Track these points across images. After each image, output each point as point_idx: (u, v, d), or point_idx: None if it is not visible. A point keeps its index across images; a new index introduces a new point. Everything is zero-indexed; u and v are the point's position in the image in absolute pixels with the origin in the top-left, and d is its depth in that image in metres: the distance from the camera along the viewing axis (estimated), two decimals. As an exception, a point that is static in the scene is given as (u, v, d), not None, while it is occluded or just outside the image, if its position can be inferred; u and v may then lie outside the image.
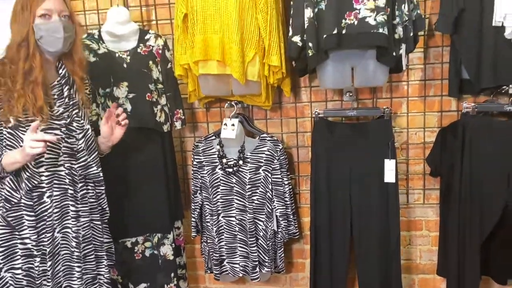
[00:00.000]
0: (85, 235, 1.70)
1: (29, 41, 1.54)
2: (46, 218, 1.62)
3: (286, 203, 2.13)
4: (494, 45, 1.81)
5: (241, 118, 2.13)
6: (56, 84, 1.63)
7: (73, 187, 1.66)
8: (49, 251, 1.62)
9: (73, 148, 1.65)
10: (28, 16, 1.53)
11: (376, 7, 1.74)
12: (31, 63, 1.54)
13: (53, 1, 1.56)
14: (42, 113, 1.55)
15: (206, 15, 1.88)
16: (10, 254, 1.61)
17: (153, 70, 2.01)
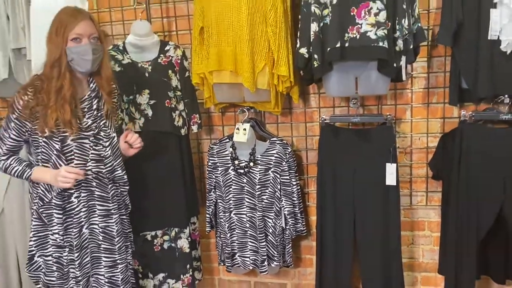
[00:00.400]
0: (118, 229, 1.89)
1: (61, 62, 1.71)
2: (73, 216, 1.82)
3: (294, 202, 2.28)
4: (491, 57, 1.90)
5: (252, 122, 2.29)
6: (87, 98, 1.81)
7: (101, 189, 1.84)
8: (76, 244, 1.82)
9: (100, 154, 1.83)
10: (61, 40, 1.70)
11: (376, 22, 1.86)
12: (62, 82, 1.71)
13: (84, 26, 1.72)
14: (71, 126, 1.73)
15: (220, 29, 2.05)
16: (42, 243, 1.83)
17: (172, 79, 2.19)
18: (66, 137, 1.75)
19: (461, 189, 2.03)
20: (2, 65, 2.38)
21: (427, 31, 2.14)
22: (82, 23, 1.72)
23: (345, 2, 1.88)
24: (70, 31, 1.70)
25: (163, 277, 2.28)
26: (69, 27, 1.70)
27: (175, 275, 2.29)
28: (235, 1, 1.99)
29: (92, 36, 1.74)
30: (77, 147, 1.78)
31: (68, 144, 1.76)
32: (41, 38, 2.19)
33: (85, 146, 1.79)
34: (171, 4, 2.45)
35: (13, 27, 2.35)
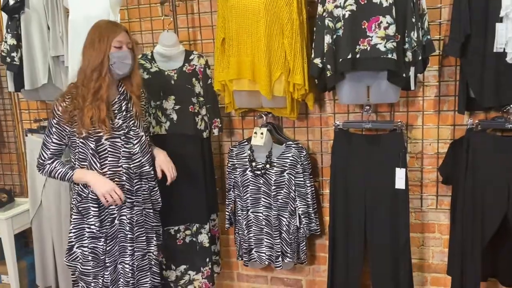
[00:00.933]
0: (137, 220, 2.07)
1: (103, 66, 1.91)
2: (107, 208, 2.02)
3: (308, 203, 2.41)
4: (496, 68, 1.98)
5: (270, 127, 2.43)
6: (116, 101, 2.01)
7: (129, 183, 2.03)
8: (109, 234, 2.03)
9: (130, 151, 2.02)
10: (105, 46, 1.91)
11: (386, 35, 1.97)
12: (100, 83, 1.91)
13: (123, 35, 1.96)
14: (105, 124, 1.93)
15: (240, 40, 2.20)
16: (80, 235, 2.03)
17: (196, 86, 2.36)
18: (101, 136, 1.95)
19: (467, 194, 2.11)
20: (42, 71, 2.60)
21: (438, 42, 2.24)
22: (123, 33, 1.97)
23: (357, 16, 1.99)
24: (113, 38, 1.93)
25: (185, 269, 2.46)
26: (112, 35, 1.93)
27: (195, 267, 2.46)
28: (254, 15, 2.13)
29: (128, 45, 1.97)
30: (110, 146, 1.97)
31: (103, 143, 1.96)
32: (78, 46, 2.42)
33: (117, 144, 1.99)
34: (196, 15, 2.62)
35: (53, 36, 2.57)
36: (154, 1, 2.69)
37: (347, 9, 2.00)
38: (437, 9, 2.24)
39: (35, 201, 2.87)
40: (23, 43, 2.56)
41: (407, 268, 2.28)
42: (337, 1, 2.02)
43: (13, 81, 2.64)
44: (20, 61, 2.57)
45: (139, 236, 2.10)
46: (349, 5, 1.99)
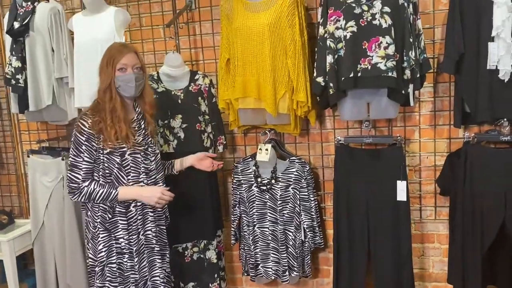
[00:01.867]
0: (156, 236, 2.11)
1: (111, 88, 1.98)
2: (133, 223, 2.04)
3: (312, 217, 2.48)
4: (490, 85, 2.10)
5: (273, 143, 2.50)
6: (136, 119, 2.07)
7: None
8: (136, 249, 2.04)
9: (148, 167, 2.07)
10: (110, 70, 1.97)
11: (386, 54, 2.07)
12: (114, 104, 1.98)
13: (128, 57, 1.99)
14: (128, 140, 1.98)
15: (245, 60, 2.28)
16: (110, 251, 2.03)
17: (201, 104, 2.43)
18: (125, 152, 1.99)
19: (466, 205, 2.20)
20: (47, 92, 2.63)
21: (432, 60, 2.35)
22: (128, 55, 2.00)
23: (358, 37, 2.10)
24: (117, 62, 1.98)
25: (193, 286, 2.49)
26: (117, 59, 1.98)
27: (203, 283, 2.49)
28: (259, 37, 2.22)
29: (135, 66, 2.01)
30: (132, 161, 2.02)
31: (126, 158, 2.00)
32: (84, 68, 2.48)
33: (138, 160, 2.03)
34: (198, 36, 2.70)
35: (57, 58, 2.61)
36: (156, 23, 2.76)
37: (348, 31, 2.10)
38: (430, 29, 2.36)
39: (37, 222, 2.86)
40: (27, 65, 2.60)
41: (409, 278, 2.35)
42: (338, 23, 2.13)
43: (18, 102, 2.67)
44: (24, 83, 2.60)
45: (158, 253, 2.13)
46: (350, 26, 2.10)
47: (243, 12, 2.28)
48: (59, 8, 2.62)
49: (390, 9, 2.07)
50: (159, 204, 2.02)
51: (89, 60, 2.43)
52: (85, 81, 2.45)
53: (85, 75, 2.44)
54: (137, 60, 2.03)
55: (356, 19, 2.09)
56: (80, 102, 2.50)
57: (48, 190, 2.76)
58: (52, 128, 3.03)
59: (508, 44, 2.03)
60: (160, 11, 2.74)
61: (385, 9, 2.07)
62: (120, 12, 2.52)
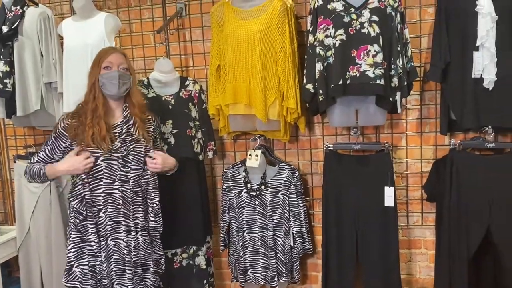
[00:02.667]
0: (135, 245, 2.06)
1: (95, 87, 1.99)
2: (101, 229, 2.02)
3: (301, 223, 2.49)
4: (475, 93, 2.15)
5: (263, 149, 2.52)
6: (119, 124, 2.03)
7: (125, 206, 2.03)
8: (104, 255, 2.02)
9: (127, 176, 2.03)
10: (96, 69, 1.99)
11: (374, 62, 2.12)
12: (96, 103, 1.98)
13: (114, 56, 2.00)
14: (104, 141, 1.95)
15: (236, 67, 2.30)
16: (81, 253, 2.03)
17: (192, 110, 2.43)
18: (98, 157, 1.97)
19: (452, 210, 2.25)
20: (35, 97, 2.61)
21: (419, 68, 2.41)
22: (113, 54, 2.02)
23: (347, 45, 2.14)
24: (103, 61, 2.00)
25: (183, 293, 2.48)
26: (103, 58, 2.01)
27: (193, 290, 2.48)
28: (250, 44, 2.25)
29: (121, 66, 2.01)
30: (106, 167, 1.99)
31: (99, 163, 1.98)
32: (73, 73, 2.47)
33: (114, 167, 2.00)
34: (188, 43, 2.72)
35: (46, 63, 2.59)
36: (146, 29, 2.77)
37: (338, 39, 2.14)
38: (417, 38, 2.42)
39: (22, 228, 2.82)
40: (15, 70, 2.57)
41: (397, 283, 2.37)
42: (328, 31, 2.16)
43: (5, 107, 2.63)
44: (12, 87, 2.57)
45: (136, 262, 2.08)
46: (339, 35, 2.14)
47: (234, 19, 2.30)
48: (49, 13, 2.61)
49: (378, 18, 2.11)
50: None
51: (78, 65, 2.42)
52: (74, 86, 2.44)
53: (74, 80, 2.44)
54: (124, 61, 2.03)
55: (345, 28, 2.13)
56: (68, 107, 2.47)
57: (34, 196, 2.73)
58: (39, 133, 3.00)
59: (492, 54, 2.09)
60: (151, 17, 2.75)
61: (373, 18, 2.11)
62: (111, 17, 2.52)
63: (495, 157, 2.30)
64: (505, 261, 2.20)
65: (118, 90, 1.99)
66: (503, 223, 2.19)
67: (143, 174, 2.08)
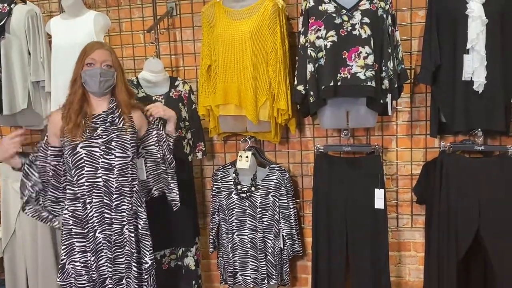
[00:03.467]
0: (116, 239, 1.98)
1: (77, 82, 1.98)
2: (89, 221, 1.97)
3: (291, 225, 2.48)
4: (465, 96, 2.16)
5: (253, 150, 2.51)
6: (102, 115, 2.00)
7: (107, 197, 1.97)
8: (92, 248, 1.97)
9: (111, 164, 1.97)
10: (80, 65, 1.98)
11: (365, 64, 2.11)
12: (73, 97, 1.98)
13: (98, 53, 1.97)
14: (75, 134, 1.92)
15: (227, 67, 2.28)
16: (71, 250, 1.98)
17: (182, 111, 2.41)
18: (77, 144, 1.93)
19: (442, 212, 2.25)
20: (22, 96, 2.56)
21: (409, 71, 2.41)
22: (98, 51, 1.98)
23: (338, 47, 2.13)
24: (86, 57, 1.98)
25: (170, 294, 2.45)
26: (86, 54, 1.98)
27: (181, 291, 2.45)
28: (241, 44, 2.23)
29: (104, 63, 1.98)
30: (87, 155, 1.94)
31: (78, 151, 1.94)
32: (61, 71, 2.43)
33: (95, 154, 1.95)
34: (179, 42, 2.69)
35: (34, 61, 2.55)
36: (136, 29, 2.74)
37: (329, 40, 2.14)
38: (408, 41, 2.42)
39: (8, 230, 2.77)
40: (2, 68, 2.52)
41: (387, 285, 2.37)
42: (319, 32, 2.16)
43: (-9, 106, 2.59)
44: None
45: (118, 257, 1.99)
46: (330, 36, 2.13)
47: (225, 19, 2.29)
48: (37, 11, 2.57)
49: (369, 20, 2.11)
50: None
51: (66, 63, 2.35)
52: (62, 85, 2.38)
53: (62, 79, 2.38)
54: (108, 58, 1.99)
55: (336, 29, 2.13)
56: (56, 106, 2.43)
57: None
58: (26, 133, 2.94)
59: (482, 57, 2.10)
60: (141, 17, 2.72)
61: (364, 20, 2.11)
62: (100, 16, 2.49)
63: (485, 159, 2.31)
64: (494, 263, 2.21)
65: (99, 87, 1.97)
66: (492, 225, 2.20)
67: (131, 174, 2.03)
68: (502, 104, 2.16)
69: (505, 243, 2.20)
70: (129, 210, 2.01)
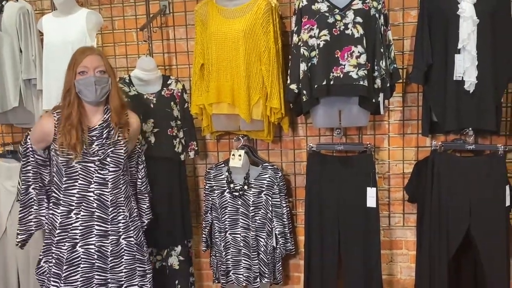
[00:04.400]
0: (113, 250, 2.00)
1: (71, 93, 1.92)
2: (69, 231, 1.95)
3: (284, 223, 2.48)
4: (456, 95, 2.18)
5: (246, 149, 2.51)
6: (97, 128, 1.97)
7: (101, 210, 1.97)
8: (66, 257, 1.94)
9: (105, 178, 1.97)
10: (71, 74, 1.92)
11: (358, 63, 2.12)
12: (70, 110, 1.91)
13: (89, 59, 1.92)
14: (76, 150, 1.89)
15: (220, 66, 2.28)
16: (47, 250, 2.00)
17: (174, 109, 2.41)
18: (71, 159, 1.91)
19: (433, 211, 2.27)
20: (13, 94, 2.55)
21: (401, 70, 2.42)
22: (89, 57, 1.93)
23: (331, 46, 2.14)
24: (78, 65, 1.92)
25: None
26: (77, 62, 1.93)
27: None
28: (234, 43, 2.23)
29: (97, 69, 1.93)
30: (82, 169, 1.94)
31: (73, 166, 1.93)
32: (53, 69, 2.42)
33: (90, 169, 1.95)
34: (171, 41, 2.69)
35: (25, 59, 2.54)
36: (129, 27, 2.74)
37: (322, 39, 2.14)
38: (400, 40, 2.44)
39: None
40: (-7, 66, 2.51)
41: (378, 284, 2.38)
42: (312, 31, 2.17)
43: (-18, 104, 2.57)
44: (-10, 84, 2.51)
45: (115, 267, 2.01)
46: (323, 35, 2.14)
47: (218, 18, 2.29)
48: (28, 8, 2.56)
49: (362, 20, 2.12)
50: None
51: (58, 61, 2.36)
52: (54, 83, 2.37)
53: (54, 77, 2.37)
54: (100, 63, 1.94)
55: (329, 28, 2.14)
56: (48, 104, 2.42)
57: (12, 195, 2.66)
58: (17, 131, 2.93)
59: (473, 56, 2.11)
60: (133, 15, 2.71)
61: (357, 19, 2.12)
62: (93, 14, 2.48)
63: (475, 158, 2.34)
64: (484, 261, 2.23)
65: (96, 96, 1.92)
66: (482, 224, 2.22)
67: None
68: (492, 104, 2.17)
69: (495, 242, 2.22)
70: (126, 219, 2.03)
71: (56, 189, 1.99)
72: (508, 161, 2.35)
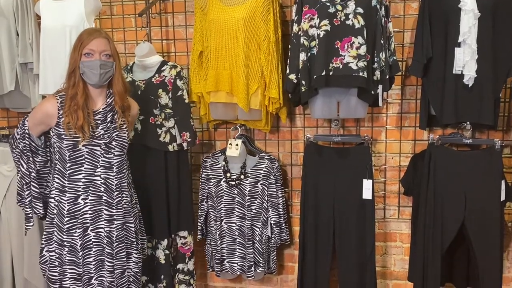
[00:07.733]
0: (118, 235, 2.00)
1: (75, 74, 1.91)
2: (78, 217, 1.96)
3: (280, 213, 2.49)
4: (455, 89, 2.17)
5: (244, 138, 2.50)
6: (101, 111, 1.96)
7: (108, 194, 1.97)
8: (80, 243, 1.96)
9: (110, 162, 1.98)
10: (77, 54, 1.90)
11: (358, 55, 2.11)
12: (76, 90, 1.90)
13: (96, 42, 1.90)
14: (83, 131, 1.89)
15: (219, 54, 2.27)
16: (49, 239, 1.99)
17: (162, 97, 2.32)
18: (78, 142, 1.90)
19: (428, 204, 2.27)
20: (9, 78, 2.52)
21: (401, 63, 2.41)
22: (96, 40, 1.90)
23: (331, 36, 2.13)
24: (84, 47, 1.90)
25: (146, 280, 2.45)
26: (84, 44, 1.90)
27: (154, 281, 2.45)
28: (234, 31, 2.22)
29: (103, 53, 1.91)
30: (88, 153, 1.93)
31: (80, 148, 1.92)
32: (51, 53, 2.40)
33: (96, 152, 1.94)
34: (170, 28, 2.66)
35: (22, 42, 2.51)
36: (128, 12, 2.71)
37: (322, 29, 2.13)
38: (400, 33, 2.42)
39: (-7, 213, 2.73)
40: (-11, 49, 2.49)
41: (372, 275, 2.40)
42: (312, 21, 2.15)
43: (-23, 87, 2.54)
44: (-15, 67, 2.49)
45: (119, 252, 2.02)
46: (324, 25, 2.13)
47: (218, 5, 2.27)
48: (26, -9, 2.53)
49: (363, 10, 2.11)
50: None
51: (56, 45, 2.35)
52: (51, 67, 2.37)
53: (51, 61, 2.37)
54: (107, 47, 1.93)
55: (330, 18, 2.12)
56: (45, 89, 2.41)
57: (6, 179, 2.64)
58: (13, 115, 2.91)
59: (473, 50, 2.11)
60: (132, 0, 2.68)
61: (358, 10, 2.11)
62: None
63: (472, 153, 2.34)
64: (478, 254, 2.24)
65: (99, 79, 1.91)
66: (477, 217, 2.23)
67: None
68: (491, 98, 2.17)
69: (489, 236, 2.24)
70: (128, 204, 2.04)
71: (60, 176, 1.96)
72: (505, 156, 2.36)
